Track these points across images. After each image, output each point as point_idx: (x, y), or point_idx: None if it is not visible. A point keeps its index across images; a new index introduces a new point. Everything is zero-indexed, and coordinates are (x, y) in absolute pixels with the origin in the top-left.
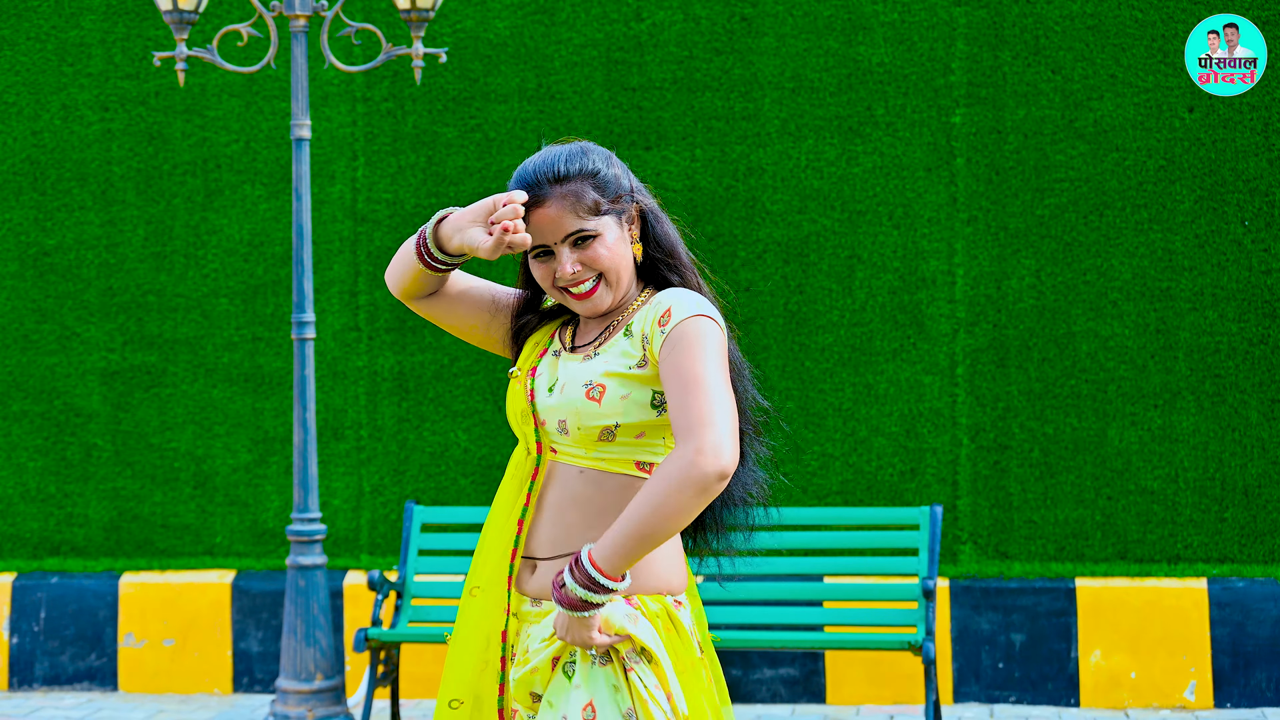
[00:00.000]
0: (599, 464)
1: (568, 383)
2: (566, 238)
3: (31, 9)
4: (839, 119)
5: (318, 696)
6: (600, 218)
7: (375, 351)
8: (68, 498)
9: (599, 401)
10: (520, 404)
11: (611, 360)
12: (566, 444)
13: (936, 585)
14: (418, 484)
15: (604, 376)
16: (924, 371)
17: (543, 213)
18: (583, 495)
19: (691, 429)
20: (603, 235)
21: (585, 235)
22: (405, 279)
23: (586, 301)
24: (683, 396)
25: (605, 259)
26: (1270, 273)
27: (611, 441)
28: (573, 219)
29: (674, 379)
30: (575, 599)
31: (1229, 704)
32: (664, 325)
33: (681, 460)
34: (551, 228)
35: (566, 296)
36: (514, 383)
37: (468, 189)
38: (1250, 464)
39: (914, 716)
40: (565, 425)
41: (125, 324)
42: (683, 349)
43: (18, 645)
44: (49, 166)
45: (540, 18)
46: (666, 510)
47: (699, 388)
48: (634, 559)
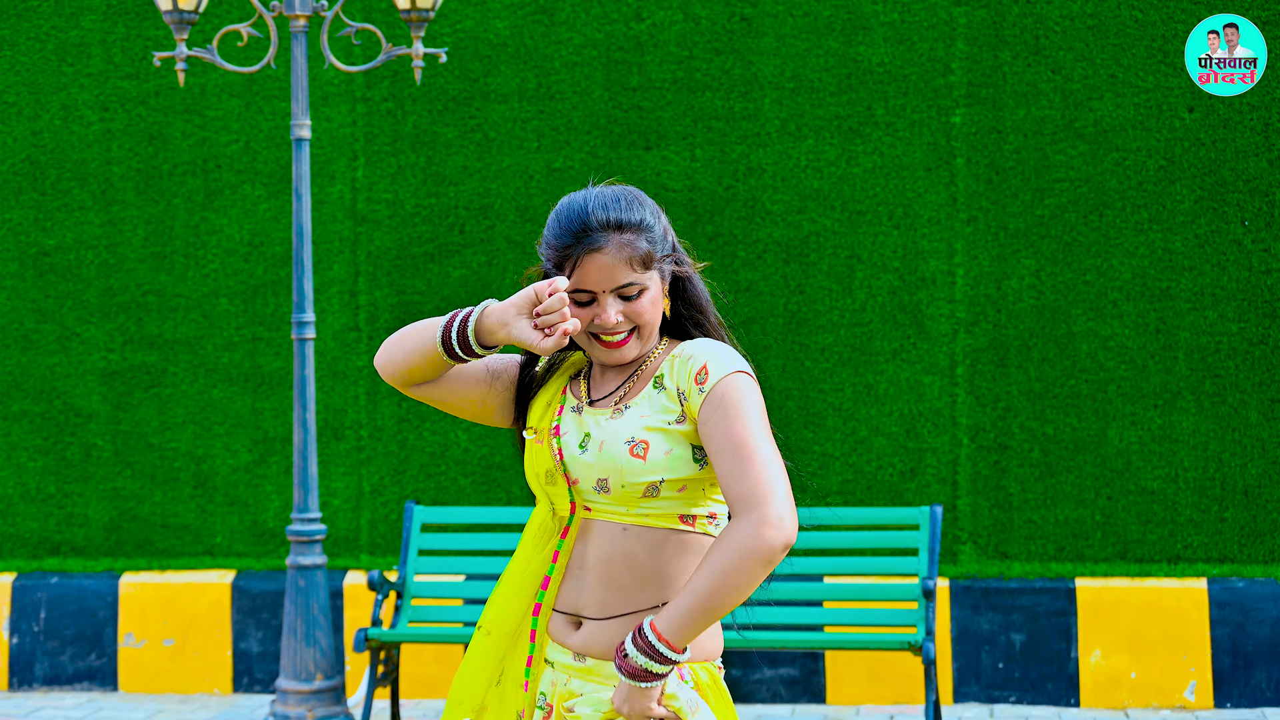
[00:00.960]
0: (642, 520)
1: (606, 440)
2: (617, 288)
3: (31, 9)
4: (839, 119)
5: (318, 696)
6: (649, 272)
7: (375, 351)
8: (68, 498)
9: (644, 459)
10: (546, 463)
11: (649, 415)
12: (605, 502)
13: (936, 585)
14: (418, 484)
15: (646, 432)
16: (924, 371)
17: (599, 259)
18: (629, 552)
19: (753, 501)
20: (649, 290)
21: (632, 293)
22: (413, 365)
23: (616, 351)
24: (737, 465)
25: (647, 314)
26: (1270, 273)
27: (655, 497)
28: (626, 271)
29: (723, 446)
30: (638, 669)
31: (1229, 704)
32: (702, 384)
33: (747, 533)
34: (604, 276)
35: (594, 344)
36: (533, 443)
37: (468, 189)
38: (1250, 464)
39: (914, 716)
40: (606, 484)
41: (125, 324)
42: (726, 412)
43: (18, 645)
44: (49, 166)
45: (540, 18)
46: (733, 583)
47: (752, 456)
48: (699, 631)
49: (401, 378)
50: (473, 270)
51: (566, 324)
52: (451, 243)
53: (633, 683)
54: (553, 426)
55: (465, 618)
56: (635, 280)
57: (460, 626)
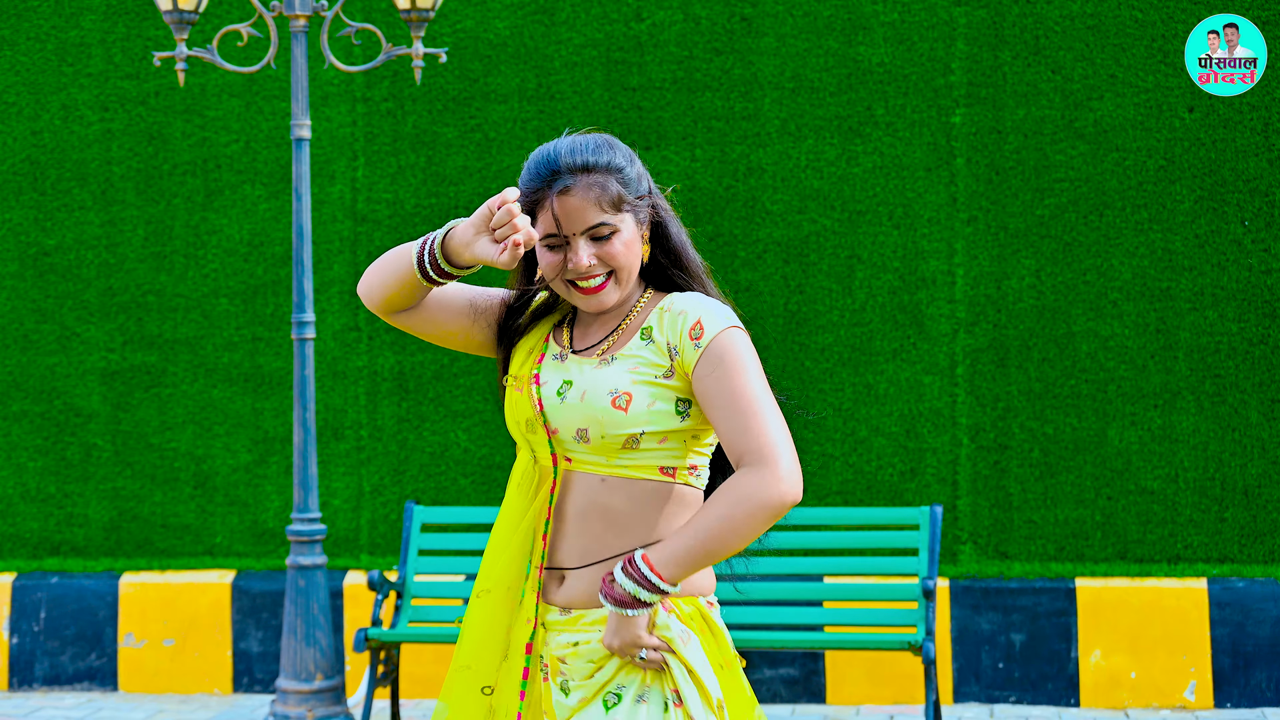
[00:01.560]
0: (621, 471)
1: (588, 389)
2: (586, 230)
3: (31, 9)
4: (839, 119)
5: (318, 696)
6: (621, 214)
7: (375, 351)
8: (68, 498)
9: (625, 410)
10: (526, 412)
11: (637, 368)
12: (585, 452)
13: (936, 585)
14: (418, 484)
15: (631, 385)
16: (924, 371)
17: (567, 201)
18: (608, 504)
19: (763, 455)
20: (621, 232)
21: (605, 233)
22: (391, 291)
23: (593, 297)
24: (742, 420)
25: (621, 256)
26: (1270, 273)
27: (635, 449)
28: (595, 211)
29: (726, 401)
30: (626, 596)
31: (1229, 704)
32: (697, 340)
33: (760, 485)
34: (573, 218)
35: (571, 290)
36: (513, 390)
37: (468, 189)
38: (1250, 464)
39: (914, 716)
40: (586, 434)
41: (125, 324)
42: (728, 368)
43: (18, 645)
44: (49, 166)
45: (540, 18)
46: (737, 530)
47: (758, 411)
48: (692, 570)
49: (383, 304)
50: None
51: (518, 235)
52: None
53: (620, 610)
54: (533, 375)
55: None
56: (606, 221)
57: (460, 626)
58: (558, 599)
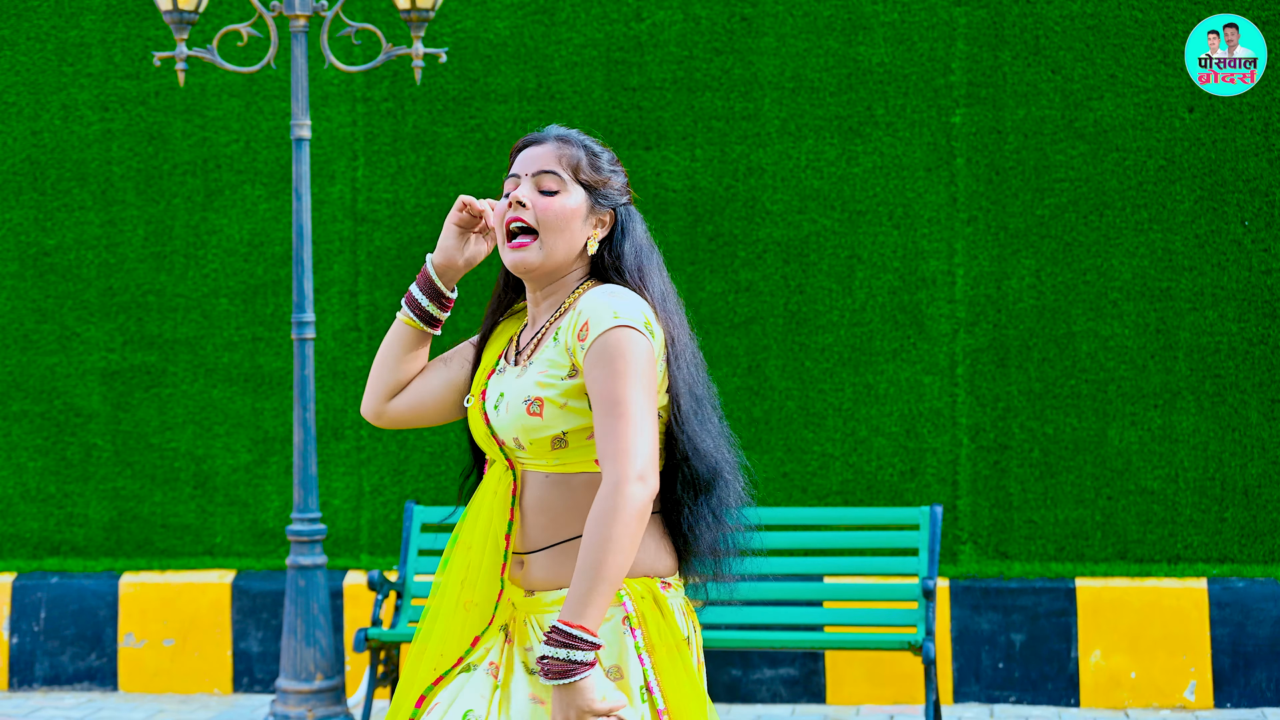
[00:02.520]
0: (560, 468)
1: (510, 401)
2: (538, 172)
3: (31, 9)
4: (839, 119)
5: (318, 696)
6: (574, 182)
7: (375, 351)
8: (68, 498)
9: (540, 416)
10: (480, 428)
11: (544, 373)
12: (525, 456)
13: (936, 585)
14: (418, 484)
15: (539, 389)
16: (924, 371)
17: (533, 149)
18: (550, 498)
19: (615, 458)
20: (565, 195)
21: (551, 188)
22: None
23: (517, 253)
24: (608, 421)
25: (551, 216)
26: (1270, 273)
27: (565, 448)
28: (551, 160)
29: (598, 401)
30: (562, 665)
31: (1229, 704)
32: (583, 339)
33: (612, 495)
34: (530, 161)
35: (505, 248)
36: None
37: (468, 189)
38: (1250, 464)
39: (914, 716)
40: (519, 440)
41: (125, 324)
42: (602, 368)
43: (18, 645)
44: (49, 166)
45: (540, 18)
46: (614, 549)
47: (623, 414)
48: (602, 604)
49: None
50: (472, 270)
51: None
52: None
53: (564, 682)
54: (482, 392)
55: None
56: (555, 172)
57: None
58: (521, 582)
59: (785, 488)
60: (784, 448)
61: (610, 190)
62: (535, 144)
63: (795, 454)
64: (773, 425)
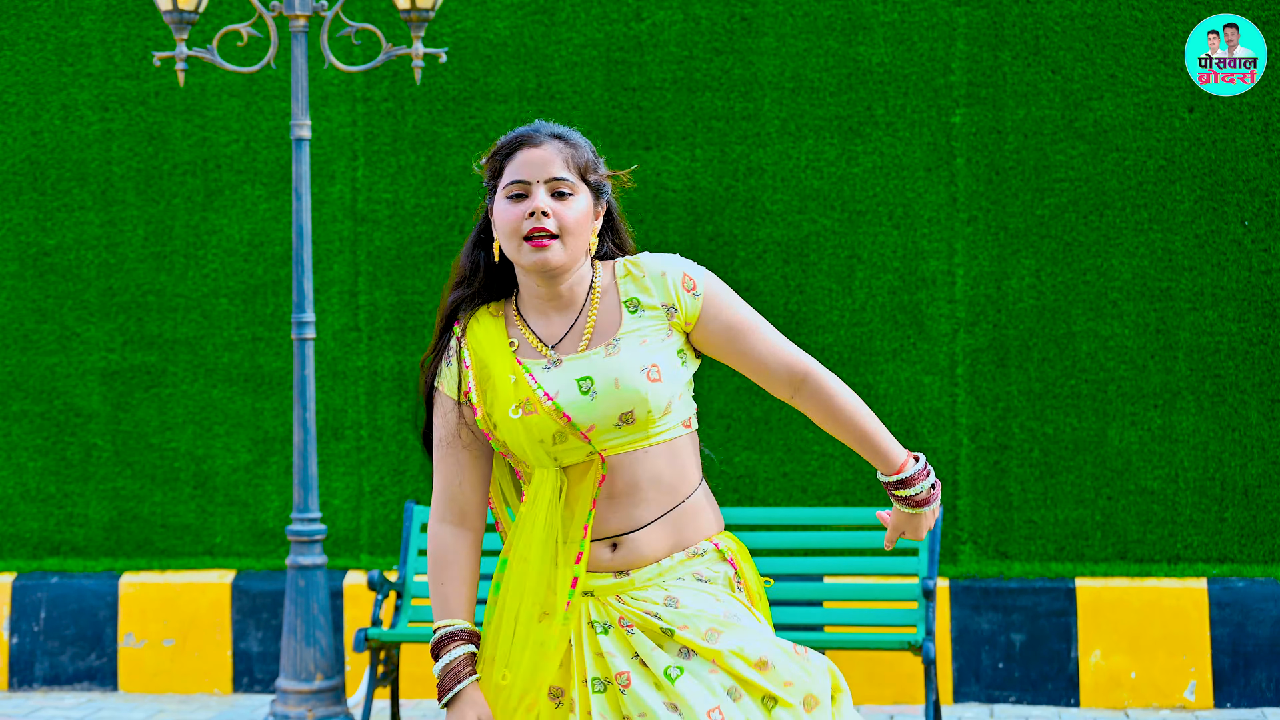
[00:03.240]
0: (657, 438)
1: (619, 375)
2: (549, 180)
3: (31, 9)
4: (839, 119)
5: (318, 696)
6: (582, 183)
7: (375, 351)
8: (68, 498)
9: (661, 380)
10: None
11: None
12: (625, 434)
13: (936, 585)
14: (418, 484)
15: (652, 355)
16: (924, 371)
17: (534, 152)
18: (652, 470)
19: (801, 360)
20: (577, 199)
21: (564, 190)
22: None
23: (540, 253)
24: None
25: (572, 222)
26: (1270, 273)
27: (669, 412)
28: (560, 167)
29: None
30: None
31: (1229, 704)
32: (693, 290)
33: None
34: (538, 165)
35: (522, 247)
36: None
37: (468, 189)
38: (1250, 464)
39: (914, 716)
40: (631, 415)
41: (125, 324)
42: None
43: (18, 645)
44: (49, 166)
45: (540, 18)
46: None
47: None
48: None
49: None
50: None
51: None
52: (451, 243)
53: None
54: (541, 393)
55: None
56: (567, 178)
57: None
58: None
59: (785, 488)
60: (784, 448)
61: (605, 187)
62: (530, 144)
63: (795, 454)
64: (773, 425)
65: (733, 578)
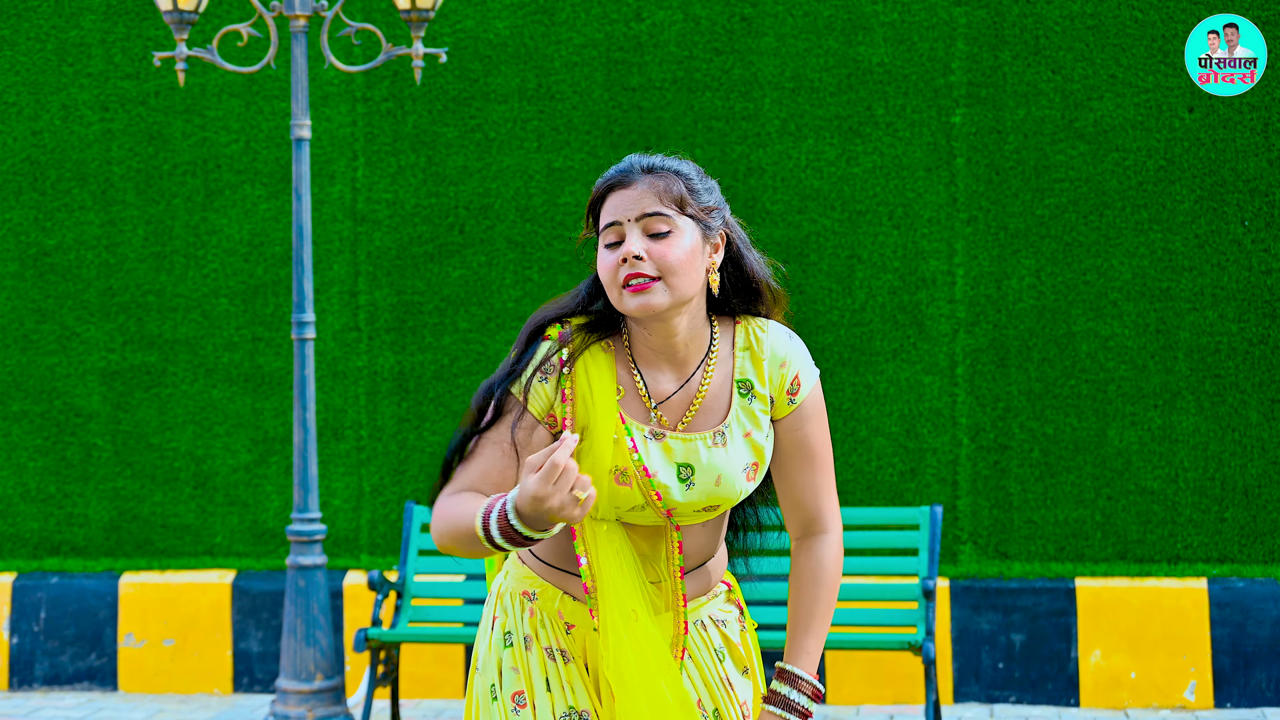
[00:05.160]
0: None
1: (722, 473)
2: (642, 217)
3: (31, 9)
4: (839, 119)
5: (318, 696)
6: (682, 216)
7: (375, 351)
8: (68, 498)
9: (753, 479)
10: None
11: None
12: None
13: (936, 585)
14: (418, 484)
15: (754, 454)
16: (924, 371)
17: (625, 193)
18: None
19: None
20: (679, 235)
21: (661, 229)
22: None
23: (641, 296)
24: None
25: (674, 259)
26: (1270, 273)
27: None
28: (652, 200)
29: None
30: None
31: (1229, 704)
32: (793, 395)
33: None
34: (627, 204)
35: (623, 294)
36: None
37: (468, 189)
38: (1250, 464)
39: (914, 716)
40: (715, 508)
41: (125, 324)
42: (816, 422)
43: (18, 645)
44: (49, 166)
45: (540, 18)
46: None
47: (828, 467)
48: None
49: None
50: (473, 270)
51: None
52: (451, 243)
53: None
54: (640, 467)
55: (465, 618)
56: (662, 212)
57: (460, 626)
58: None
59: None
60: None
61: (715, 213)
62: (623, 185)
63: None
64: None
65: (739, 618)
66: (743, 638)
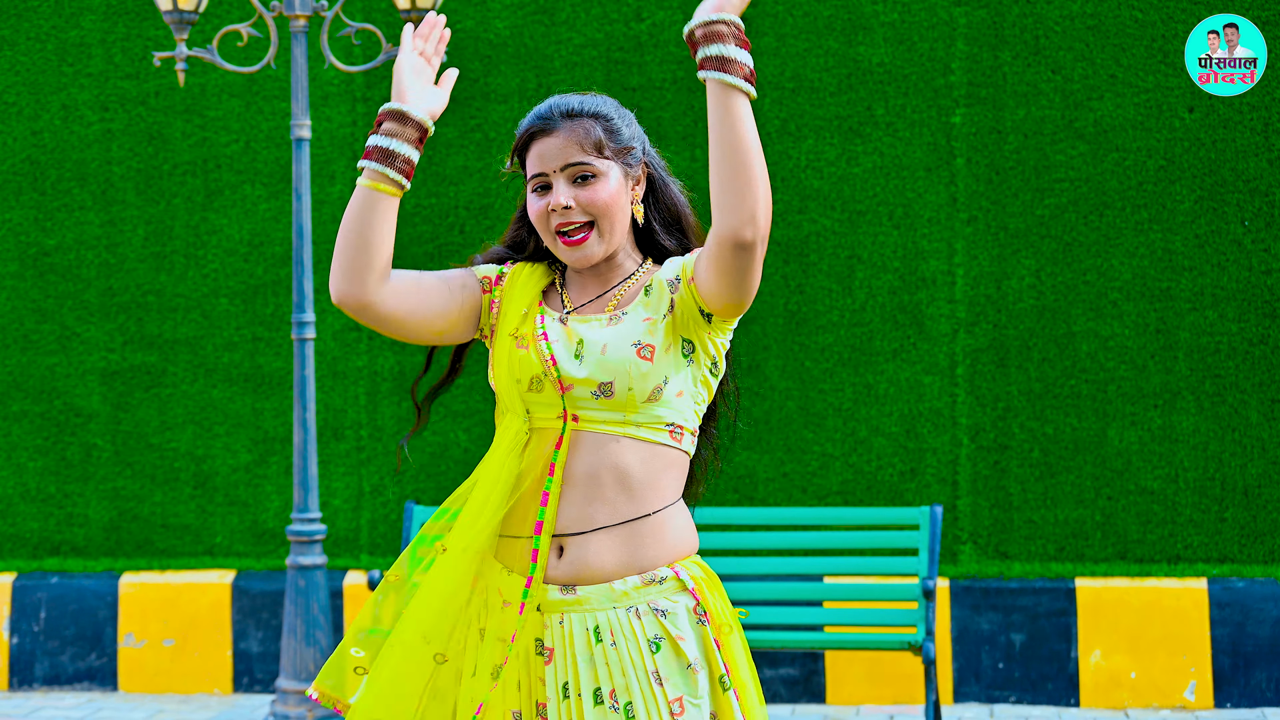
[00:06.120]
0: (636, 432)
1: (608, 344)
2: (566, 167)
3: (31, 9)
4: (839, 119)
5: None
6: (604, 160)
7: (375, 351)
8: (68, 498)
9: (651, 360)
10: (532, 369)
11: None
12: (601, 409)
13: (936, 585)
14: (418, 484)
15: (649, 335)
16: (924, 371)
17: (548, 141)
18: (620, 463)
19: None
20: (604, 178)
21: (585, 174)
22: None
23: (576, 249)
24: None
25: (601, 203)
26: (1270, 273)
27: (657, 401)
28: (576, 151)
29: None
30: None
31: (1229, 704)
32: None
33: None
34: (552, 155)
35: (558, 242)
36: (514, 348)
37: (468, 189)
38: (1250, 464)
39: (914, 716)
40: (610, 388)
41: (125, 324)
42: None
43: (18, 645)
44: (49, 166)
45: (540, 18)
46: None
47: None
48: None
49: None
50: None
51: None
52: (451, 243)
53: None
54: (539, 332)
55: None
56: (585, 161)
57: None
58: (558, 573)
59: (785, 488)
60: (784, 448)
61: (636, 152)
62: (545, 133)
63: (795, 454)
64: (773, 425)
65: (694, 609)
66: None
